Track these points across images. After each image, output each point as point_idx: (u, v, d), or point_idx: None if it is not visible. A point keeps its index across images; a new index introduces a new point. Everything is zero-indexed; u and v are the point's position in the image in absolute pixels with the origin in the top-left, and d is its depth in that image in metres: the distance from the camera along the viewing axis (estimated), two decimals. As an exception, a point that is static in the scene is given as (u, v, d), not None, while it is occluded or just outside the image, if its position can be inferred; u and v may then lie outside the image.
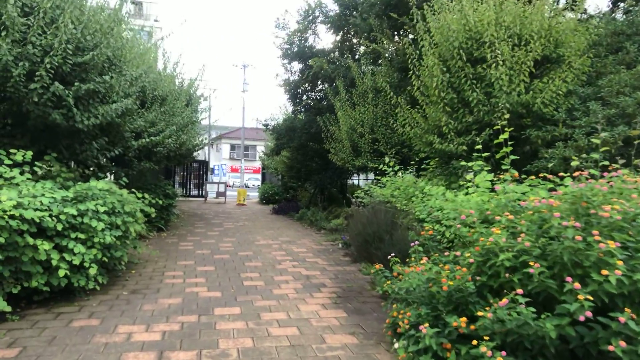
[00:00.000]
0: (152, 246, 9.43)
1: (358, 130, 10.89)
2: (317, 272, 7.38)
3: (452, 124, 5.96)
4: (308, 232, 12.08)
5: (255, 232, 11.96)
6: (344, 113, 11.22)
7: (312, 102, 15.44)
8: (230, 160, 57.86)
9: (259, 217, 15.42)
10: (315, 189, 16.69)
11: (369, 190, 9.21)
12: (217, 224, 13.39)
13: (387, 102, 10.74)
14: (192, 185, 22.25)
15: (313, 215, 13.72)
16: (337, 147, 11.68)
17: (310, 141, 15.70)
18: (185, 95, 13.06)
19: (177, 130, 11.46)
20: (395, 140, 10.54)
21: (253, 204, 21.47)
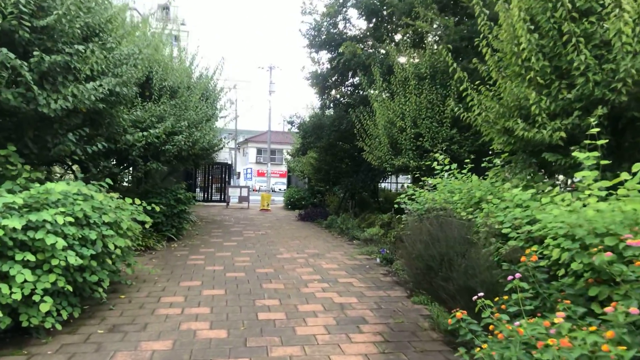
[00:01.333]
0: (157, 260, 8.03)
1: (398, 124, 9.25)
2: (354, 298, 5.78)
3: (544, 103, 4.27)
4: (338, 243, 10.48)
5: (278, 242, 10.44)
6: (380, 104, 9.60)
7: (341, 97, 13.88)
8: (257, 164, 56.94)
9: (283, 225, 13.91)
10: (345, 194, 15.09)
11: (414, 194, 7.58)
12: (236, 232, 11.94)
13: (432, 90, 9.06)
14: (214, 189, 20.98)
15: (343, 222, 12.12)
16: (373, 144, 10.06)
17: (340, 140, 14.13)
18: (200, 89, 11.68)
19: (190, 127, 10.06)
20: (443, 135, 8.85)
21: (278, 209, 20.03)
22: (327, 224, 13.15)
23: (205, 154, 13.00)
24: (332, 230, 12.41)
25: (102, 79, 5.33)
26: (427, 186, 7.95)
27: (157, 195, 10.02)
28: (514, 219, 4.20)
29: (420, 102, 9.07)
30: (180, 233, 10.49)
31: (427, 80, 9.09)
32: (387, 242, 9.36)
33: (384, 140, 9.37)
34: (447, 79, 9.17)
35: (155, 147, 9.25)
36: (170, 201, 10.07)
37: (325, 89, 13.91)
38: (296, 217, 15.53)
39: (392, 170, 9.46)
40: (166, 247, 9.37)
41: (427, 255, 3.67)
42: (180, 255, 8.58)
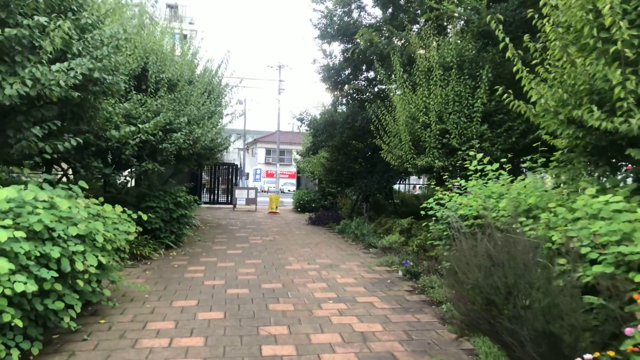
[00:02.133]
0: (151, 272, 7.14)
1: (421, 119, 8.27)
2: (377, 324, 4.82)
3: (631, 83, 3.28)
4: (353, 251, 9.52)
5: (287, 250, 9.51)
6: (401, 97, 8.62)
7: (355, 92, 12.92)
8: (266, 164, 56.26)
9: (293, 229, 12.97)
10: (358, 196, 14.12)
11: (443, 198, 6.61)
12: (242, 238, 11.03)
13: (460, 81, 8.07)
14: (220, 191, 20.11)
15: (358, 228, 11.15)
16: (392, 142, 9.08)
17: (354, 138, 13.17)
18: (203, 83, 10.80)
19: (190, 123, 9.17)
20: (472, 132, 7.86)
21: (287, 211, 19.11)
22: (340, 229, 12.19)
23: (208, 154, 12.10)
24: (346, 236, 11.45)
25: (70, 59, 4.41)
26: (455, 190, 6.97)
27: (155, 199, 9.15)
28: (592, 234, 3.22)
29: (446, 95, 8.08)
30: (180, 240, 9.60)
31: (453, 70, 8.10)
32: (409, 252, 8.39)
33: (404, 137, 8.39)
34: (476, 69, 8.18)
35: (151, 145, 8.37)
36: (169, 205, 9.18)
37: (337, 84, 12.96)
38: (306, 221, 14.60)
39: (413, 171, 8.48)
40: (163, 256, 8.48)
41: (488, 286, 2.71)
42: (177, 266, 7.68)
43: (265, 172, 54.67)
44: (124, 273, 7.02)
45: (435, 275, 6.57)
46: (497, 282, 2.69)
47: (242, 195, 18.41)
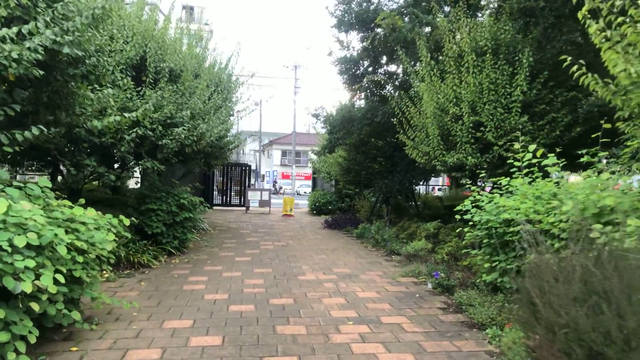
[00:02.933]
0: (147, 283, 6.34)
1: (450, 110, 7.31)
2: (409, 356, 3.90)
3: None
4: (374, 259, 8.59)
5: (300, 257, 8.63)
6: (429, 86, 7.68)
7: (374, 86, 11.99)
8: (282, 166, 55.59)
9: (308, 234, 12.08)
10: (377, 198, 13.17)
11: (480, 200, 5.68)
12: (253, 243, 10.18)
13: (495, 67, 7.10)
14: (233, 192, 19.34)
15: (378, 232, 10.21)
16: (418, 137, 8.12)
17: (373, 135, 12.26)
18: (211, 75, 10.00)
19: (194, 118, 8.37)
20: (511, 124, 6.87)
21: (302, 214, 18.24)
22: (359, 233, 11.27)
23: (217, 153, 11.32)
24: (365, 242, 10.51)
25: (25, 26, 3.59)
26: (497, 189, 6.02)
27: (156, 201, 8.36)
28: None
29: (479, 83, 7.11)
30: (184, 245, 8.79)
31: (487, 55, 7.12)
32: (438, 261, 7.42)
33: (432, 131, 7.43)
34: (514, 53, 7.20)
35: (150, 141, 7.59)
36: (171, 207, 8.39)
37: (355, 77, 12.03)
38: (322, 224, 13.69)
39: (443, 169, 7.52)
40: (164, 264, 7.68)
41: (592, 328, 1.78)
42: (178, 275, 6.86)
43: (281, 173, 54.00)
44: (117, 284, 6.24)
45: (473, 289, 5.61)
46: (608, 324, 1.76)
47: (255, 197, 17.60)
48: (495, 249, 5.39)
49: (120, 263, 7.27)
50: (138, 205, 8.40)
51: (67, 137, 6.79)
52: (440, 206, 14.94)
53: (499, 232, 5.22)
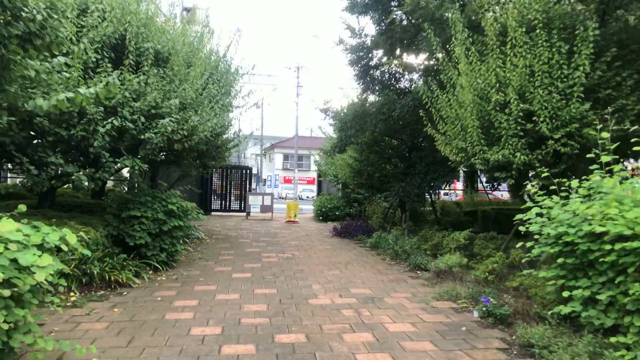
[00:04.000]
0: (121, 309, 5.07)
1: (493, 98, 6.02)
2: None
3: None
4: (397, 275, 7.29)
5: (309, 272, 7.34)
6: (466, 70, 6.39)
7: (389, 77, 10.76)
8: (284, 170, 54.44)
9: (315, 243, 10.78)
10: (392, 203, 11.89)
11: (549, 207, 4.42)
12: (254, 255, 8.89)
13: (549, 46, 5.82)
14: (233, 197, 18.05)
15: (397, 242, 8.92)
16: (451, 130, 6.83)
17: (388, 133, 11.02)
18: (205, 64, 8.74)
19: (185, 108, 7.12)
20: (570, 113, 5.59)
21: (306, 220, 16.93)
22: (373, 243, 9.97)
23: (213, 152, 10.06)
24: (382, 253, 9.21)
25: None
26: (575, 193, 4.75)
27: (141, 206, 7.10)
28: None
29: (531, 64, 5.84)
30: (172, 259, 7.50)
31: (538, 30, 5.86)
32: (478, 280, 6.12)
33: (471, 123, 6.13)
34: (572, 27, 5.93)
35: (131, 135, 6.32)
36: (157, 214, 7.12)
37: (368, 69, 10.79)
38: (330, 232, 12.39)
39: (484, 167, 6.22)
40: (147, 282, 6.40)
41: None
42: (161, 298, 5.58)
43: (282, 177, 52.76)
44: (83, 311, 4.96)
45: (538, 322, 4.31)
46: None
47: (257, 202, 16.31)
48: (572, 271, 4.11)
49: (93, 282, 6.00)
50: (119, 211, 7.14)
51: (28, 128, 5.54)
52: (459, 212, 13.65)
53: (579, 250, 3.94)
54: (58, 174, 6.02)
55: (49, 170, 5.67)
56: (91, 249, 6.28)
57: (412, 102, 8.76)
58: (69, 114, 5.72)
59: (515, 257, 6.08)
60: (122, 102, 6.11)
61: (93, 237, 6.35)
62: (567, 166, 5.92)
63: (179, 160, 8.69)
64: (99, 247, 6.50)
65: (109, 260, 6.29)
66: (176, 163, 9.28)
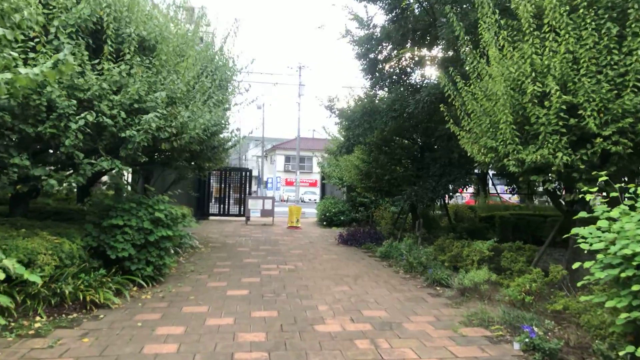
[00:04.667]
0: (91, 341, 4.27)
1: (529, 89, 5.17)
2: None
3: None
4: (414, 292, 6.44)
5: (314, 288, 6.49)
6: (496, 57, 5.54)
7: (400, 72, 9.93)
8: (285, 172, 53.65)
9: (320, 252, 9.93)
10: (402, 207, 11.04)
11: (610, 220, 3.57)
12: (252, 267, 8.04)
13: (595, 26, 4.98)
14: (232, 201, 17.22)
15: (411, 252, 8.06)
16: (477, 128, 5.98)
17: (399, 132, 10.19)
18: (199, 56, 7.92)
19: (174, 103, 6.30)
20: (625, 106, 4.75)
21: (310, 225, 16.08)
22: (383, 252, 9.11)
23: (209, 153, 9.23)
24: (394, 264, 8.35)
25: None
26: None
27: (124, 214, 6.28)
28: None
29: (573, 49, 5.00)
30: (160, 273, 6.66)
31: (582, 10, 5.02)
32: (514, 301, 5.26)
33: (504, 117, 5.28)
34: (621, 7, 5.09)
35: (110, 133, 5.48)
36: (143, 223, 6.29)
37: (376, 62, 9.96)
38: (335, 239, 11.54)
39: (518, 170, 5.36)
40: (130, 302, 5.56)
41: None
42: (142, 324, 4.74)
43: (284, 180, 51.92)
44: (46, 342, 4.14)
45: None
46: None
47: (257, 206, 15.46)
48: (651, 301, 3.25)
49: (65, 303, 5.18)
50: (99, 220, 6.31)
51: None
52: (473, 217, 12.80)
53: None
54: (24, 178, 5.17)
55: (10, 174, 4.84)
56: (64, 264, 5.46)
57: (428, 98, 7.94)
58: (36, 108, 4.90)
59: (555, 274, 5.23)
60: (99, 94, 5.28)
61: (67, 250, 5.52)
62: (617, 168, 5.07)
63: (170, 162, 7.85)
64: (75, 261, 5.66)
65: (84, 277, 5.46)
66: (167, 165, 8.44)
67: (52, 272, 5.20)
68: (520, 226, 10.33)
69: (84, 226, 6.33)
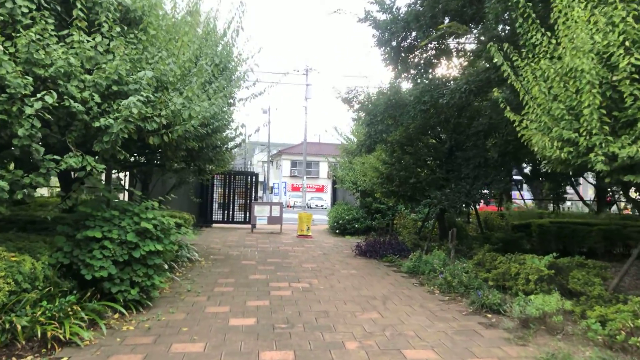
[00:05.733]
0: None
1: (622, 63, 3.94)
2: None
3: None
4: (460, 320, 5.19)
5: (336, 315, 5.27)
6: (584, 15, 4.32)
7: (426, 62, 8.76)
8: (291, 177, 52.63)
9: (336, 266, 8.70)
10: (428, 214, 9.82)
11: None
12: (260, 285, 6.83)
13: None
14: (237, 207, 16.03)
15: (446, 267, 6.82)
16: (548, 116, 4.74)
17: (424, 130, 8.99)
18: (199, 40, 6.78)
19: (164, 87, 5.14)
20: None
21: (321, 234, 14.84)
22: (411, 267, 7.88)
23: (210, 152, 8.06)
24: (425, 282, 7.10)
25: None
26: None
27: (104, 224, 5.13)
28: None
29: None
30: (148, 296, 5.46)
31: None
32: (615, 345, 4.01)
33: (589, 99, 4.05)
34: None
35: (82, 122, 4.32)
36: (126, 235, 5.12)
37: (399, 50, 8.76)
38: (352, 250, 10.30)
39: (607, 168, 4.14)
40: (107, 335, 4.38)
41: None
42: (114, 374, 3.54)
43: (290, 185, 50.79)
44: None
45: None
46: None
47: (264, 213, 14.26)
48: None
49: (16, 341, 4.00)
50: (74, 230, 5.14)
51: None
52: (504, 225, 11.54)
53: None
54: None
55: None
56: (22, 288, 4.29)
57: (467, 86, 6.73)
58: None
59: (661, 305, 3.98)
60: (65, 71, 4.12)
61: (26, 271, 4.34)
62: None
63: (162, 161, 6.69)
64: (37, 284, 4.50)
65: (46, 305, 4.28)
66: (161, 166, 7.28)
67: (4, 300, 4.04)
68: (564, 236, 9.06)
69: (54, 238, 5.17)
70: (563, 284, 5.45)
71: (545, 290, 5.37)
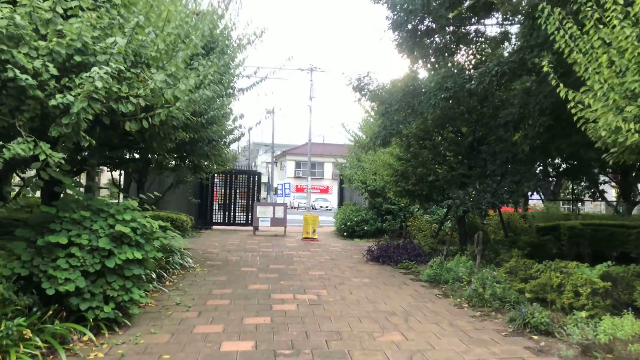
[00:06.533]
0: None
1: None
2: None
3: None
4: (501, 344, 4.28)
5: (351, 337, 4.37)
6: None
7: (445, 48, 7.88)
8: (295, 178, 51.97)
9: (346, 273, 7.80)
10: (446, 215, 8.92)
11: None
12: (260, 296, 5.94)
13: None
14: (238, 208, 15.16)
15: (474, 277, 5.92)
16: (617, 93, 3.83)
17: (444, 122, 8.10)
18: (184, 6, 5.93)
19: (146, 65, 4.28)
20: None
21: (327, 236, 13.93)
22: (431, 275, 6.98)
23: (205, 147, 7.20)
24: (450, 292, 6.19)
25: None
26: None
27: (72, 226, 4.28)
28: None
29: None
30: (126, 312, 4.58)
31: None
32: None
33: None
34: None
35: (35, 99, 3.46)
36: (98, 241, 4.25)
37: (415, 34, 7.86)
38: (363, 255, 9.40)
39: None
40: None
41: None
42: None
43: (294, 186, 49.96)
44: None
45: None
46: None
47: (266, 214, 13.37)
48: None
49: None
50: (37, 234, 4.28)
51: None
52: (526, 227, 10.62)
53: None
54: None
55: None
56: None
57: (499, 68, 5.83)
58: None
59: None
60: (11, 35, 3.26)
61: (-32, 285, 3.48)
62: None
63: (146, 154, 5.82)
64: (-17, 301, 3.64)
65: None
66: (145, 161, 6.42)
67: None
68: (600, 239, 8.14)
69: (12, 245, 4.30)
70: (621, 299, 4.53)
71: (602, 307, 4.47)
